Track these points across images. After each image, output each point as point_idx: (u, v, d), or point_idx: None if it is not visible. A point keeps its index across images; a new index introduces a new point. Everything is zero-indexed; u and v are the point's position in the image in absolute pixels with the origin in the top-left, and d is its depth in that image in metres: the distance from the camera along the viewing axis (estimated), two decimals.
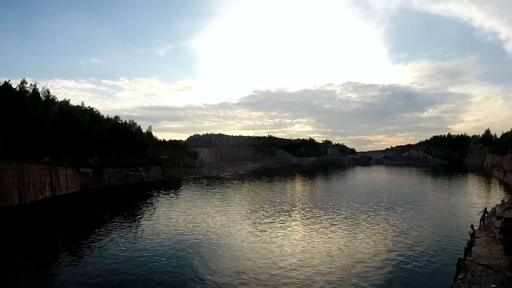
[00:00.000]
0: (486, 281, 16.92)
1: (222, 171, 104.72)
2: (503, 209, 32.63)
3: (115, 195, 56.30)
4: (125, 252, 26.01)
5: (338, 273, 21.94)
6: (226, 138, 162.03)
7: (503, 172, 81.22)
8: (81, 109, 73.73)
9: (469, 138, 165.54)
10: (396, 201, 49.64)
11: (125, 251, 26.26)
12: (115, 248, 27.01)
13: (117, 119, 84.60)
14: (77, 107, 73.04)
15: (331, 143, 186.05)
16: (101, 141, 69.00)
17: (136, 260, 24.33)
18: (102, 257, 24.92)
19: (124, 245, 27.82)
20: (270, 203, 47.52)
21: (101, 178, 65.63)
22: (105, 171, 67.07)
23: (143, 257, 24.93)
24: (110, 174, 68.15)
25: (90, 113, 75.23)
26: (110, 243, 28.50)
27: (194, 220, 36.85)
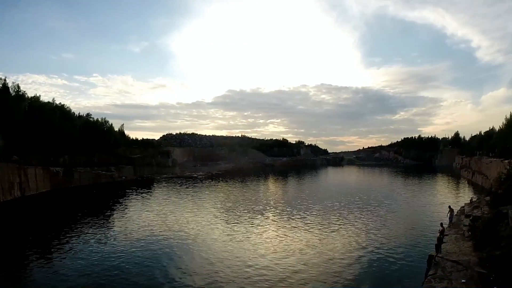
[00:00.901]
0: (456, 276, 17.76)
1: (195, 171, 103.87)
2: (472, 207, 34.16)
3: (86, 195, 54.97)
4: (98, 254, 25.68)
5: (311, 272, 22.32)
6: (199, 138, 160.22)
7: (471, 172, 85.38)
8: (52, 105, 71.42)
9: (439, 140, 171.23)
10: (368, 200, 51.19)
11: (97, 253, 25.92)
12: (87, 250, 26.56)
13: (89, 117, 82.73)
14: (48, 103, 70.82)
15: (304, 143, 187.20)
16: (72, 139, 67.18)
17: (109, 261, 24.05)
18: (74, 260, 24.47)
19: (96, 247, 27.43)
20: (243, 203, 47.84)
21: (71, 178, 63.94)
22: (76, 171, 65.33)
23: (116, 258, 24.68)
24: (81, 174, 66.48)
25: (61, 110, 73.04)
26: (81, 245, 27.93)
27: (167, 220, 36.66)
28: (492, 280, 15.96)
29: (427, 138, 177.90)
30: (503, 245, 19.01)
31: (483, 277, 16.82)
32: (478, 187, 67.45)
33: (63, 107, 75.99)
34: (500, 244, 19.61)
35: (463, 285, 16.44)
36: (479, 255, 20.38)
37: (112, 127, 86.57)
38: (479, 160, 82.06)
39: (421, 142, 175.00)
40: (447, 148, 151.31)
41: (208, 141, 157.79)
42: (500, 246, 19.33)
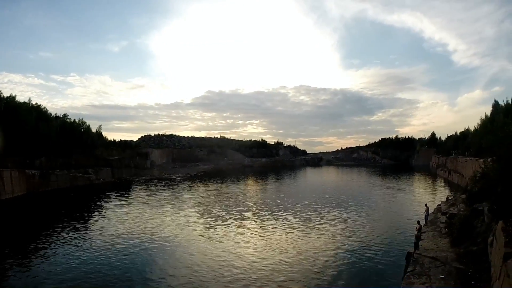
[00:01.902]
0: (434, 272, 17.95)
1: (173, 172, 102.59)
2: (448, 205, 34.88)
3: (63, 199, 53.35)
4: (76, 258, 24.87)
5: (291, 272, 22.16)
6: (178, 139, 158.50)
7: (447, 171, 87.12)
8: (28, 106, 69.34)
9: (416, 141, 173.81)
10: (347, 199, 51.49)
11: (75, 257, 25.11)
12: (64, 255, 25.70)
13: (66, 118, 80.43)
14: (24, 103, 68.54)
15: (282, 144, 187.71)
16: (49, 141, 65.19)
17: (87, 265, 23.40)
18: (52, 264, 23.65)
19: (74, 251, 26.57)
20: (222, 204, 47.40)
21: (48, 181, 61.98)
22: (52, 173, 63.39)
23: (94, 262, 23.99)
24: (58, 176, 64.57)
25: (37, 110, 71.01)
26: (59, 249, 27.00)
27: (146, 223, 35.92)
28: (470, 275, 16.18)
29: (404, 139, 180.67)
30: (480, 240, 19.33)
31: (461, 272, 17.04)
32: (454, 185, 68.84)
33: (40, 108, 73.88)
34: (476, 240, 19.95)
35: (442, 281, 16.61)
36: (456, 251, 20.71)
37: (89, 128, 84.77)
38: (455, 159, 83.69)
39: (399, 143, 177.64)
40: (424, 148, 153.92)
41: (187, 142, 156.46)
42: (477, 242, 19.67)
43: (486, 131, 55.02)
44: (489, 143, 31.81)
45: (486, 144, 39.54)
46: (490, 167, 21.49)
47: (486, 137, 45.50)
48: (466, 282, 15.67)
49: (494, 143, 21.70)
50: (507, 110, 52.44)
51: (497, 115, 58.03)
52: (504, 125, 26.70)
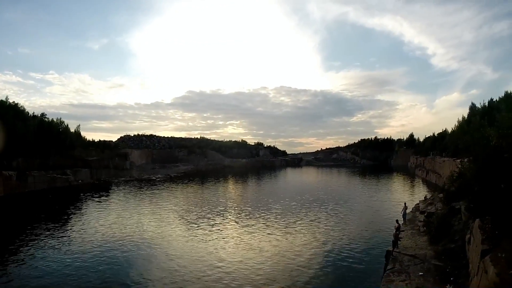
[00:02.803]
0: (413, 269, 18.33)
1: (153, 173, 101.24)
2: (426, 204, 35.62)
3: (41, 201, 51.96)
4: (54, 262, 24.29)
5: (271, 273, 22.23)
6: (157, 139, 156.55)
7: (425, 171, 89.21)
8: (5, 104, 67.64)
9: (395, 141, 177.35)
10: (326, 199, 52.13)
11: (53, 260, 24.53)
12: (43, 258, 25.11)
13: (44, 117, 78.19)
14: (0, 102, 66.93)
15: (263, 145, 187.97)
16: (26, 141, 63.38)
17: (66, 269, 22.87)
18: (29, 268, 23.02)
19: (53, 254, 25.93)
20: (203, 205, 47.09)
21: (25, 182, 60.31)
22: (30, 174, 61.67)
23: (73, 265, 23.52)
24: (36, 178, 62.87)
25: (14, 109, 69.04)
26: (37, 253, 26.33)
27: (125, 224, 35.40)
28: (448, 271, 16.57)
29: (383, 139, 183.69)
30: (457, 238, 19.83)
31: (439, 269, 17.44)
32: (432, 185, 70.33)
33: (17, 106, 71.63)
34: (454, 238, 20.45)
35: (421, 278, 16.97)
36: (434, 248, 21.17)
37: (68, 128, 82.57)
38: (432, 159, 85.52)
39: (378, 143, 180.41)
40: (402, 149, 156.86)
41: (166, 143, 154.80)
42: (455, 239, 20.16)
43: (463, 132, 56.31)
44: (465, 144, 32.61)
45: (463, 145, 40.51)
46: (467, 167, 22.01)
47: (463, 138, 46.60)
48: (445, 278, 16.05)
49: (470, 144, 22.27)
50: (484, 113, 53.71)
51: (474, 117, 59.42)
52: (480, 127, 27.42)
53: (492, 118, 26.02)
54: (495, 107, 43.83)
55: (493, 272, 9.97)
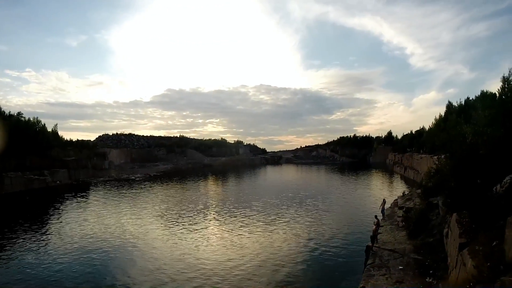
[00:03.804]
0: (393, 264, 18.77)
1: (132, 173, 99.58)
2: (404, 200, 36.37)
3: (19, 203, 50.40)
4: (33, 265, 23.75)
5: (252, 271, 22.26)
6: (136, 138, 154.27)
7: (403, 168, 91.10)
8: None
9: (373, 139, 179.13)
10: (306, 196, 52.58)
11: (32, 263, 23.98)
12: (21, 261, 24.50)
13: (20, 116, 76.40)
14: None
15: (242, 143, 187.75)
16: (2, 141, 61.02)
17: (45, 272, 22.38)
18: (9, 273, 22.38)
19: (31, 257, 25.32)
20: (183, 204, 46.80)
21: (2, 184, 58.17)
22: (6, 176, 59.65)
23: (54, 269, 22.93)
24: (12, 179, 60.82)
25: None
26: (15, 256, 25.68)
27: (105, 226, 34.76)
28: (428, 264, 17.03)
29: (362, 137, 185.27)
30: (435, 232, 20.38)
31: (418, 262, 17.90)
32: (410, 181, 71.70)
33: None
34: (432, 232, 21.01)
35: (401, 272, 17.39)
36: (413, 243, 21.71)
37: (45, 128, 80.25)
38: (410, 156, 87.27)
39: (356, 141, 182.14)
40: (381, 146, 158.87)
41: (146, 142, 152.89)
42: (433, 233, 20.72)
43: (440, 129, 57.57)
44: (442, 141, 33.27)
45: (440, 142, 41.32)
46: (444, 163, 22.50)
47: (439, 136, 47.55)
48: (424, 271, 16.50)
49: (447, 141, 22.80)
50: (460, 111, 55.01)
51: (450, 115, 60.84)
52: (456, 124, 28.14)
53: (468, 116, 26.85)
54: (471, 106, 45.01)
55: (471, 265, 10.35)
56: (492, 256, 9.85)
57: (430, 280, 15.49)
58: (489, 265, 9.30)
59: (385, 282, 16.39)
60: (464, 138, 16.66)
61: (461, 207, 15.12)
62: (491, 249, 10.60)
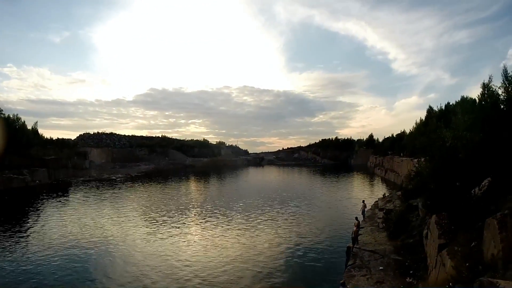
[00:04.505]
0: (374, 264, 19.08)
1: (113, 173, 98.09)
2: (385, 201, 36.87)
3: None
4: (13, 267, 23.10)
5: (236, 271, 22.29)
6: (118, 138, 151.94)
7: (384, 170, 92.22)
8: None
9: (355, 142, 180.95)
10: (288, 197, 52.88)
11: (12, 265, 23.35)
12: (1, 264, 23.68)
13: (0, 113, 75.17)
14: None
15: (225, 144, 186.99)
16: None
17: (25, 274, 21.85)
18: None
19: (11, 258, 24.72)
20: (164, 205, 46.45)
21: None
22: None
23: (33, 270, 22.40)
24: None
25: None
26: None
27: (86, 226, 34.11)
28: (408, 265, 17.38)
29: (343, 140, 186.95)
30: (415, 233, 20.78)
31: (399, 263, 18.25)
32: (390, 183, 72.84)
33: None
34: (412, 233, 21.41)
35: (381, 272, 17.70)
36: (393, 244, 22.09)
37: (25, 125, 77.82)
38: (391, 159, 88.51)
39: (338, 143, 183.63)
40: (362, 149, 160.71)
41: (127, 142, 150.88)
42: (413, 234, 21.12)
43: (420, 133, 58.51)
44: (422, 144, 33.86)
45: (420, 145, 42.05)
46: (424, 166, 22.91)
47: (420, 139, 48.35)
48: (404, 272, 16.83)
49: (427, 144, 23.19)
50: (440, 115, 55.98)
51: (431, 119, 61.83)
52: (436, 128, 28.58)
53: (448, 121, 27.28)
54: (451, 110, 45.70)
55: (450, 265, 10.64)
56: (471, 256, 10.13)
57: (410, 280, 15.82)
58: (468, 265, 9.56)
59: (366, 283, 16.65)
60: (444, 142, 17.01)
61: (440, 209, 15.44)
62: (470, 250, 10.91)
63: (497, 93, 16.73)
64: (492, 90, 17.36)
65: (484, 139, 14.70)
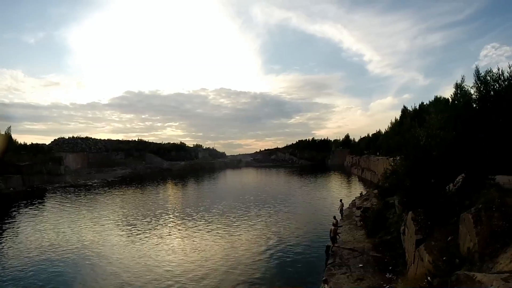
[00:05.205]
0: (353, 262, 19.43)
1: (89, 178, 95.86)
2: (362, 200, 37.57)
3: None
4: None
5: (216, 274, 22.25)
6: (93, 142, 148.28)
7: (360, 169, 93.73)
8: None
9: (331, 142, 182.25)
10: (266, 199, 52.91)
11: None
12: None
13: None
14: None
15: (202, 147, 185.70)
16: None
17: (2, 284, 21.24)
18: None
19: None
20: (143, 210, 45.69)
21: None
22: None
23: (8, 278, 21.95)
24: None
25: None
26: None
27: (63, 234, 33.18)
28: (387, 261, 17.77)
29: (320, 140, 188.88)
30: (393, 230, 21.26)
31: (378, 260, 18.64)
32: (367, 182, 74.05)
33: None
34: (390, 230, 21.90)
35: (361, 269, 18.04)
36: (372, 241, 22.55)
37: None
38: (367, 158, 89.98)
39: (315, 144, 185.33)
40: (339, 149, 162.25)
41: (103, 146, 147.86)
42: (390, 231, 21.60)
43: (395, 133, 59.68)
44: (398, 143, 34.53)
45: (395, 145, 42.78)
46: (399, 165, 23.36)
47: (395, 138, 49.32)
48: (383, 268, 17.21)
49: (402, 143, 23.66)
50: (414, 115, 56.99)
51: (405, 119, 62.96)
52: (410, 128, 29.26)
53: (422, 120, 27.89)
54: (425, 110, 46.69)
55: (428, 260, 10.97)
56: (448, 250, 10.46)
57: (390, 276, 16.18)
58: (445, 259, 9.87)
59: (346, 280, 16.93)
60: (418, 141, 17.42)
61: (416, 205, 15.83)
62: (447, 244, 11.26)
63: (469, 93, 17.35)
64: (465, 90, 17.99)
65: (457, 137, 15.17)
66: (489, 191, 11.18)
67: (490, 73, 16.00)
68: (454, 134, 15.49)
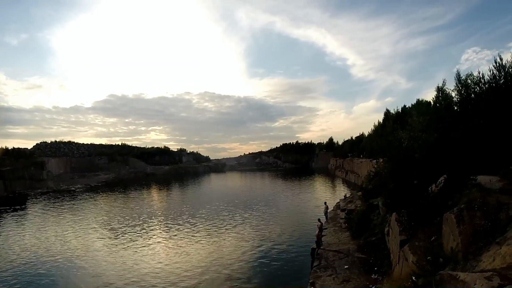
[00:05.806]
0: (339, 264, 19.53)
1: (72, 183, 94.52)
2: (346, 202, 37.81)
3: None
4: None
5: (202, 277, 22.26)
6: (76, 146, 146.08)
7: (344, 172, 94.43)
8: None
9: (315, 145, 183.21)
10: (251, 202, 52.99)
11: None
12: None
13: None
14: None
15: (186, 151, 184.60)
16: None
17: None
18: None
19: None
20: (126, 215, 45.27)
21: None
22: None
23: None
24: None
25: None
26: None
27: (46, 240, 32.78)
28: (372, 262, 17.93)
29: (304, 143, 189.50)
30: (377, 231, 21.46)
31: (363, 261, 18.78)
32: (351, 184, 74.56)
33: None
34: (374, 231, 22.09)
35: (347, 271, 18.15)
36: (357, 242, 22.71)
37: None
38: (351, 161, 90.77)
39: (299, 147, 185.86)
40: (323, 152, 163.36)
41: (86, 150, 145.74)
42: (375, 232, 21.80)
43: (378, 135, 60.36)
44: (381, 146, 34.93)
45: (378, 147, 43.28)
46: (382, 167, 23.56)
47: (378, 141, 49.84)
48: (369, 269, 17.35)
49: (385, 145, 23.94)
50: (397, 118, 57.79)
51: (388, 121, 63.86)
52: (393, 130, 29.72)
53: (405, 123, 28.31)
54: (407, 113, 47.37)
55: (412, 260, 11.10)
56: (432, 250, 10.59)
57: (376, 277, 16.33)
58: (429, 259, 9.99)
59: (332, 282, 17.00)
60: (401, 143, 17.65)
61: (400, 206, 16.03)
62: (430, 244, 11.42)
63: (450, 96, 17.66)
64: (446, 93, 18.29)
65: (439, 139, 15.41)
66: (471, 191, 11.37)
67: (471, 77, 16.32)
68: (435, 136, 15.73)
